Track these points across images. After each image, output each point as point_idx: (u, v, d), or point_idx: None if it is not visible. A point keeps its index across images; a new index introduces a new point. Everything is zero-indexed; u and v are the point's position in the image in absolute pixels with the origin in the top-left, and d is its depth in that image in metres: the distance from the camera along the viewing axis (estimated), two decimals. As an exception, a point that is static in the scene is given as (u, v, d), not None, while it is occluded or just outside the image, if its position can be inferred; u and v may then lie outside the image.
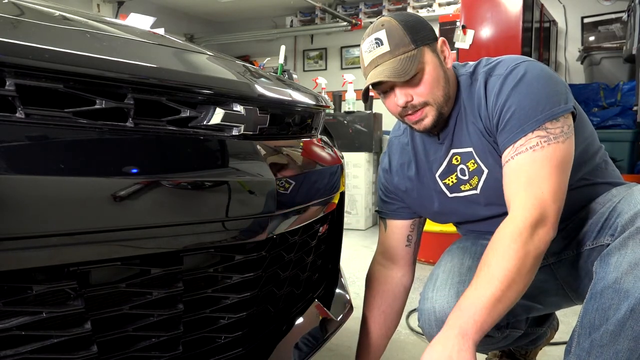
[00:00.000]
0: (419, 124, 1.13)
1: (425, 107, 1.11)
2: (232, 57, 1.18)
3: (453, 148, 1.19)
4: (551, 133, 1.02)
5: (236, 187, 0.84)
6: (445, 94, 1.12)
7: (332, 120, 4.29)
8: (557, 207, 1.00)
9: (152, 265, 0.77)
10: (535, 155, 1.02)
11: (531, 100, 1.04)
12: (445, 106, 1.13)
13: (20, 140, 0.60)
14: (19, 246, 0.59)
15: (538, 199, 0.99)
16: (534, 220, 0.98)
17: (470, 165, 1.17)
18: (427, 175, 1.25)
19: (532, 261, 0.96)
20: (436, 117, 1.12)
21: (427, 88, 1.09)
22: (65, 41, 0.70)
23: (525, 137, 1.03)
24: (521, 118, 1.03)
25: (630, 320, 0.91)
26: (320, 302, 1.28)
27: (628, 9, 4.20)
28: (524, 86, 1.05)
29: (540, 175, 1.01)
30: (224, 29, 7.80)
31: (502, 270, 0.94)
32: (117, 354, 0.76)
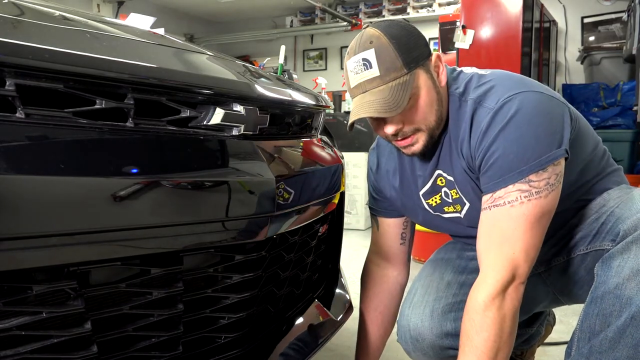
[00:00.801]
0: (407, 149, 1.06)
1: (416, 133, 1.03)
2: (232, 57, 1.18)
3: (438, 169, 1.12)
4: (534, 187, 0.95)
5: (236, 187, 0.84)
6: (439, 118, 1.04)
7: (332, 120, 4.28)
8: (529, 265, 0.98)
9: (152, 265, 0.77)
10: (512, 211, 0.96)
11: (518, 147, 0.95)
12: (437, 129, 1.05)
13: (20, 140, 0.60)
14: (19, 246, 0.59)
15: (509, 259, 0.96)
16: (505, 282, 0.96)
17: (452, 194, 1.12)
18: (411, 188, 1.19)
19: (510, 323, 0.96)
20: (427, 142, 1.05)
21: (419, 115, 1.01)
22: (65, 41, 0.70)
23: (505, 188, 0.96)
24: (504, 167, 0.96)
25: (631, 327, 0.91)
26: (320, 302, 1.28)
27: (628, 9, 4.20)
28: (513, 129, 0.95)
29: (514, 235, 0.96)
30: (224, 29, 7.79)
31: (485, 342, 0.95)
32: (117, 354, 0.76)
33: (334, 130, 4.29)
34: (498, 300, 0.96)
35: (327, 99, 1.39)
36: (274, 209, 0.90)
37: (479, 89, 1.03)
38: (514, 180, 0.95)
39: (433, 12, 6.25)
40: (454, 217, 1.15)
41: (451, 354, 1.15)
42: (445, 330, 1.15)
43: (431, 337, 1.16)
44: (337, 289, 1.38)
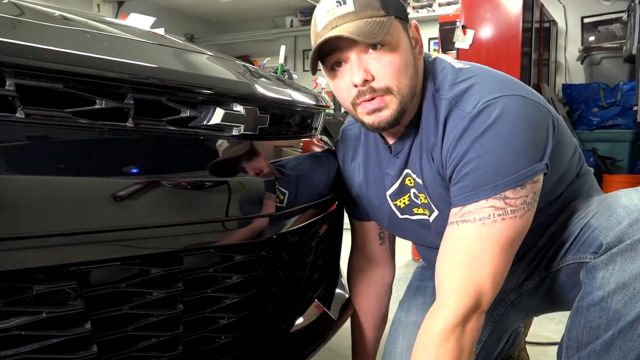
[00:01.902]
0: (374, 116, 0.92)
1: (386, 94, 0.90)
2: (232, 57, 1.18)
3: (407, 168, 1.02)
4: (509, 205, 0.86)
5: (236, 187, 0.84)
6: (412, 87, 0.92)
7: (332, 120, 4.28)
8: (494, 292, 0.89)
9: (152, 265, 0.77)
10: (482, 230, 0.86)
11: (495, 158, 0.85)
12: (409, 103, 0.92)
13: (20, 140, 0.60)
14: (19, 246, 0.59)
15: (474, 284, 0.87)
16: (467, 309, 0.86)
17: (422, 197, 1.02)
18: (378, 186, 1.08)
19: (467, 355, 0.87)
20: (397, 113, 0.91)
21: (393, 69, 0.88)
22: (65, 41, 0.70)
23: (477, 203, 0.86)
24: (477, 179, 0.86)
25: (618, 340, 0.87)
26: (320, 302, 1.28)
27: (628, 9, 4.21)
28: (491, 137, 0.85)
29: (482, 257, 0.86)
30: (224, 29, 7.80)
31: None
32: (117, 354, 0.76)
33: (334, 130, 4.29)
34: (458, 330, 0.86)
35: (327, 99, 1.39)
36: (274, 209, 0.90)
37: (456, 87, 0.92)
38: (488, 195, 0.86)
39: (433, 12, 6.26)
40: (423, 220, 1.06)
41: None
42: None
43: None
44: (337, 289, 1.38)
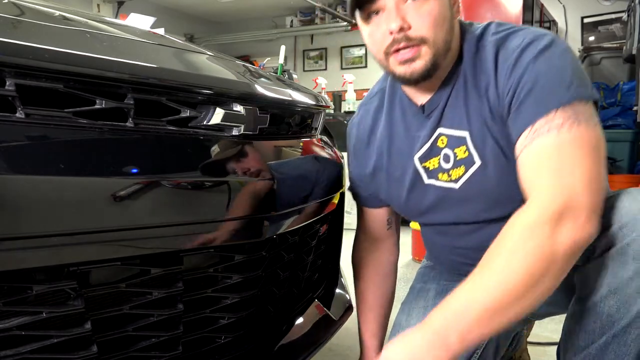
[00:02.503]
0: (406, 67, 0.91)
1: (422, 45, 0.89)
2: (232, 57, 1.18)
3: (441, 127, 0.98)
4: (580, 113, 0.81)
5: (236, 187, 0.84)
6: (446, 42, 0.91)
7: (332, 120, 4.28)
8: (593, 199, 0.79)
9: (152, 265, 0.77)
10: (562, 137, 0.81)
11: (556, 73, 0.84)
12: (442, 57, 0.92)
13: (20, 140, 0.60)
14: (19, 246, 0.59)
15: (565, 186, 0.78)
16: (558, 210, 0.77)
17: (459, 153, 0.97)
18: (403, 153, 1.04)
19: (549, 265, 0.76)
20: (430, 64, 0.90)
21: (430, 19, 0.88)
22: (65, 41, 0.70)
23: (546, 116, 0.82)
24: (543, 93, 0.83)
25: (613, 344, 0.85)
26: (320, 302, 1.28)
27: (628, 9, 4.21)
28: (546, 58, 0.85)
29: (569, 162, 0.80)
30: (224, 29, 7.80)
31: (509, 275, 0.76)
32: (117, 354, 0.76)
33: (334, 130, 4.29)
34: (546, 230, 0.76)
35: (327, 99, 1.39)
36: (274, 209, 0.90)
37: (498, 34, 0.92)
38: (557, 105, 0.82)
39: (433, 12, 6.24)
40: (447, 189, 1.00)
41: None
42: None
43: None
44: (337, 289, 1.38)
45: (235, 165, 0.87)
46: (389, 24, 0.89)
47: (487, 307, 0.76)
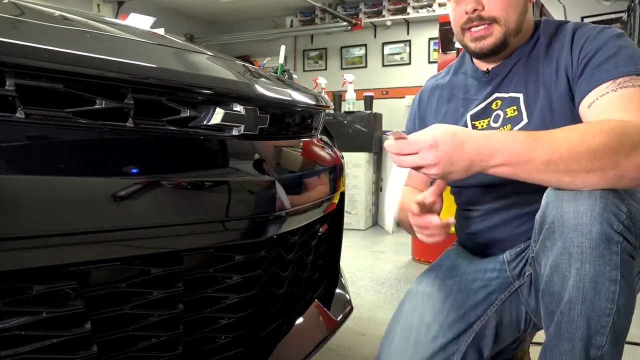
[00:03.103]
0: (478, 42, 1.06)
1: (493, 24, 1.04)
2: (232, 57, 1.18)
3: (498, 92, 1.11)
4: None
5: (236, 187, 0.84)
6: (518, 22, 1.05)
7: (332, 120, 4.29)
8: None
9: (152, 265, 0.77)
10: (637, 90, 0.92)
11: (632, 51, 0.97)
12: (513, 36, 1.06)
13: (20, 140, 0.60)
14: (19, 246, 0.59)
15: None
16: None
17: (509, 112, 1.07)
18: (458, 111, 1.16)
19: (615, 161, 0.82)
20: (500, 41, 1.05)
21: (503, 2, 1.03)
22: (65, 41, 0.70)
23: (629, 76, 0.94)
24: (621, 61, 0.95)
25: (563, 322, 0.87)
26: (320, 302, 1.28)
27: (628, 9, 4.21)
28: (623, 40, 0.99)
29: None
30: (224, 29, 7.80)
31: (572, 139, 0.83)
32: (117, 354, 0.76)
33: (334, 130, 4.29)
34: (634, 136, 0.83)
35: (327, 99, 1.39)
36: (274, 209, 0.90)
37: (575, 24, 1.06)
38: (633, 72, 0.94)
39: (433, 12, 6.25)
40: None
41: None
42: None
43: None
44: (337, 289, 1.38)
45: (235, 165, 0.87)
46: (466, 4, 1.04)
47: (543, 158, 0.83)
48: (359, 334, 1.82)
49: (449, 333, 1.05)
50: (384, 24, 6.76)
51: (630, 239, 0.85)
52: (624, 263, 0.84)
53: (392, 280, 2.61)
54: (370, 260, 3.04)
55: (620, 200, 0.85)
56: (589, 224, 0.83)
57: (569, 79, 1.01)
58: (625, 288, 0.84)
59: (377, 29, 6.91)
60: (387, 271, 2.78)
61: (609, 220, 0.83)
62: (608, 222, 0.83)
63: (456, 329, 1.06)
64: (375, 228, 4.24)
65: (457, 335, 1.06)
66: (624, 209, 0.84)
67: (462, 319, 1.08)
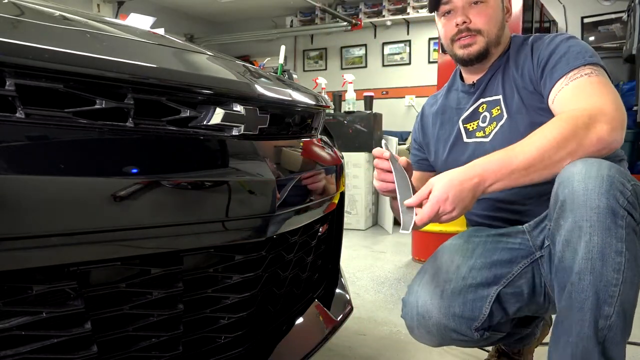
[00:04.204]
0: (465, 49, 1.24)
1: (477, 35, 1.23)
2: (232, 57, 1.18)
3: (482, 97, 1.29)
4: (600, 71, 1.10)
5: (236, 187, 0.84)
6: (498, 35, 1.25)
7: (332, 120, 4.29)
8: (620, 116, 1.02)
9: (152, 265, 0.77)
10: (591, 79, 1.08)
11: (580, 48, 1.14)
12: (493, 46, 1.25)
13: (20, 140, 0.60)
14: (19, 246, 0.59)
15: (598, 103, 1.02)
16: (592, 111, 1.00)
17: (494, 112, 1.26)
18: (453, 119, 1.34)
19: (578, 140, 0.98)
20: (483, 49, 1.24)
21: (486, 18, 1.22)
22: (65, 41, 0.70)
23: (578, 69, 1.10)
24: (572, 56, 1.12)
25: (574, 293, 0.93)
26: (320, 302, 1.28)
27: (628, 9, 4.21)
28: (572, 40, 1.16)
29: (600, 91, 1.05)
30: (224, 29, 7.80)
31: (545, 139, 0.99)
32: (117, 354, 0.76)
33: (334, 130, 4.28)
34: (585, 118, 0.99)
35: (327, 99, 1.39)
36: (274, 209, 0.90)
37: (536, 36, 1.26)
38: (586, 63, 1.11)
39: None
40: (480, 143, 1.26)
41: (453, 337, 1.16)
42: (453, 311, 1.14)
43: (438, 315, 1.16)
44: (337, 289, 1.38)
45: (235, 165, 0.87)
46: (456, 18, 1.24)
47: (522, 166, 0.99)
48: (359, 334, 1.82)
49: (478, 277, 1.15)
50: (384, 24, 6.76)
51: (634, 215, 0.92)
52: (628, 237, 0.91)
53: (392, 280, 2.61)
54: (370, 260, 3.04)
55: (626, 180, 0.94)
56: (596, 199, 0.92)
57: (532, 80, 1.20)
58: (631, 261, 0.91)
59: (377, 29, 6.91)
60: (387, 271, 2.78)
61: (615, 196, 0.91)
62: (614, 198, 0.91)
63: (484, 276, 1.16)
64: (375, 228, 4.23)
65: (485, 283, 1.15)
66: (629, 187, 0.93)
67: (489, 269, 1.17)
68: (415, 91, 6.62)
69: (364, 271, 2.74)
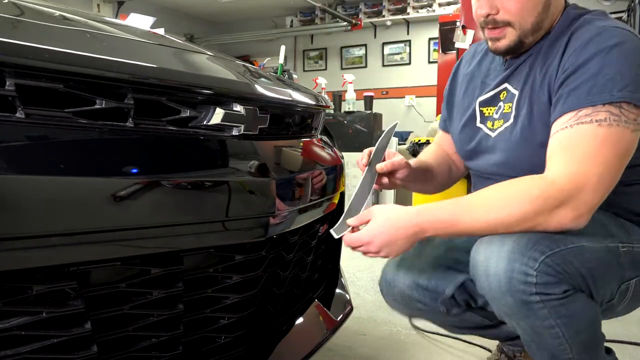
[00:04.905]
0: (493, 43, 1.06)
1: (507, 27, 1.02)
2: (232, 57, 1.18)
3: (507, 82, 1.11)
4: (624, 115, 0.89)
5: (236, 187, 0.84)
6: (536, 23, 1.02)
7: (332, 120, 4.29)
8: (596, 199, 0.90)
9: (152, 265, 0.77)
10: (599, 131, 0.89)
11: (617, 71, 0.90)
12: (530, 35, 1.03)
13: (20, 140, 0.60)
14: (19, 246, 0.59)
15: (582, 175, 0.88)
16: (563, 197, 0.88)
17: (506, 107, 1.10)
18: (475, 92, 1.19)
19: (521, 226, 0.90)
20: (514, 43, 1.03)
21: (516, 6, 0.99)
22: (65, 41, 0.70)
23: (594, 107, 0.90)
24: (597, 85, 0.91)
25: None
26: (320, 302, 1.28)
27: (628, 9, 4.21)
28: (614, 54, 0.92)
29: (596, 157, 0.89)
30: (224, 29, 7.80)
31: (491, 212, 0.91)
32: (117, 354, 0.76)
33: (334, 130, 4.28)
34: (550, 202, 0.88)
35: (327, 99, 1.39)
36: (274, 209, 0.90)
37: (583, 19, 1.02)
38: (605, 101, 0.90)
39: (433, 12, 6.26)
40: (485, 134, 1.14)
41: (418, 306, 1.17)
42: (417, 282, 1.16)
43: (403, 285, 1.18)
44: (337, 289, 1.38)
45: (235, 165, 0.87)
46: (480, 8, 1.03)
47: (465, 230, 0.93)
48: (359, 334, 1.82)
49: (450, 259, 1.16)
50: (384, 24, 6.77)
51: (550, 291, 0.89)
52: (552, 309, 0.90)
53: (392, 280, 2.60)
54: (370, 260, 3.03)
55: (532, 258, 0.89)
56: (503, 298, 0.91)
57: (550, 88, 1.00)
58: (566, 323, 0.92)
59: (377, 29, 6.92)
60: (387, 271, 2.78)
61: (518, 290, 0.89)
62: (519, 291, 0.89)
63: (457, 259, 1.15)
64: (375, 228, 4.22)
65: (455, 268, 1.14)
66: (539, 265, 0.88)
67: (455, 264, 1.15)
68: (415, 91, 6.62)
69: (364, 271, 2.74)
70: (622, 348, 1.59)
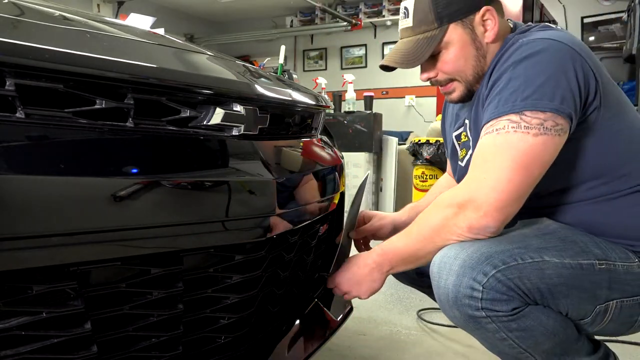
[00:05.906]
0: (447, 96, 1.14)
1: (452, 82, 1.10)
2: (232, 57, 1.18)
3: (466, 113, 1.18)
4: (524, 121, 0.93)
5: (236, 187, 0.84)
6: (476, 72, 1.08)
7: (332, 120, 4.28)
8: (497, 198, 0.92)
9: (152, 265, 0.77)
10: (497, 139, 0.95)
11: (522, 82, 0.95)
12: (476, 83, 1.09)
13: (20, 140, 0.60)
14: (19, 246, 0.59)
15: (475, 181, 0.96)
16: (461, 200, 0.95)
17: (463, 137, 1.18)
18: (452, 126, 1.26)
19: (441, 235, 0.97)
20: (463, 93, 1.11)
21: (450, 67, 1.08)
22: (65, 41, 0.70)
23: (497, 118, 0.96)
24: (503, 98, 0.96)
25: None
26: (320, 302, 1.28)
27: (628, 9, 4.21)
28: (522, 66, 0.96)
29: (492, 163, 0.94)
30: (224, 29, 7.80)
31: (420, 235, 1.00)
32: (117, 354, 0.76)
33: (334, 130, 4.28)
34: (450, 211, 0.97)
35: (327, 99, 1.39)
36: (274, 209, 0.90)
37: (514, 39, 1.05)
38: (507, 111, 0.95)
39: (433, 12, 6.23)
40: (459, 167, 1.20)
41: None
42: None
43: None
44: (337, 289, 1.38)
45: (235, 165, 0.87)
46: (422, 74, 1.13)
47: (408, 254, 1.02)
48: (359, 334, 1.82)
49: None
50: (384, 24, 6.76)
51: (497, 307, 0.90)
52: (502, 324, 0.92)
53: (392, 280, 2.60)
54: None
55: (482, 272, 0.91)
56: (451, 312, 0.95)
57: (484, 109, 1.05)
58: (520, 337, 0.93)
59: (377, 29, 6.92)
60: (387, 271, 2.77)
61: (465, 305, 0.91)
62: (466, 306, 0.91)
63: None
64: (375, 228, 4.22)
65: None
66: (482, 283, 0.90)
67: None
68: (415, 91, 6.62)
69: (364, 271, 2.74)
70: (622, 348, 1.59)
